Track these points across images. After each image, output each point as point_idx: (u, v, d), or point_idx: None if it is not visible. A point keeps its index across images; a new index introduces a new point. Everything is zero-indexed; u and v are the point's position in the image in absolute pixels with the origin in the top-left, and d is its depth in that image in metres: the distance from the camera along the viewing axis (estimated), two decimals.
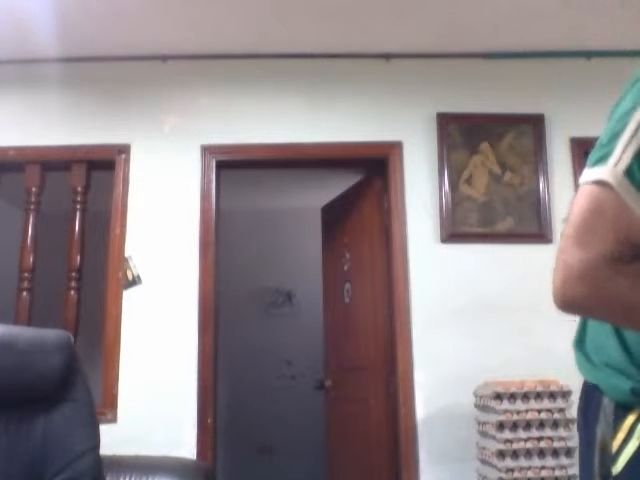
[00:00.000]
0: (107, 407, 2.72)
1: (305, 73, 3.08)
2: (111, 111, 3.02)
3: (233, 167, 3.10)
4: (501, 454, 2.36)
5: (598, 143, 0.83)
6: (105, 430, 1.73)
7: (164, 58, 3.04)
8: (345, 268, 3.47)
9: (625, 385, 0.86)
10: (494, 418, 2.39)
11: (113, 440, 1.98)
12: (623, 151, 0.78)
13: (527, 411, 2.38)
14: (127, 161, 2.96)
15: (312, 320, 4.52)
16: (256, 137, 3.00)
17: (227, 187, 3.15)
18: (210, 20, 2.75)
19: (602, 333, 0.94)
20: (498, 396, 2.40)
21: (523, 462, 2.35)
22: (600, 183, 0.79)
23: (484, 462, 2.51)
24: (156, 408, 2.74)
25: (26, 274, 2.91)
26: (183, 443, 2.70)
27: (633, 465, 0.83)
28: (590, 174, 0.81)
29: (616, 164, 0.78)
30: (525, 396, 2.41)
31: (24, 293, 2.89)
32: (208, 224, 2.91)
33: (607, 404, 0.88)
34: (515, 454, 2.36)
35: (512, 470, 2.35)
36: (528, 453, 2.36)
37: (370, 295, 3.16)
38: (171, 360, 2.79)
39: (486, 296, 2.84)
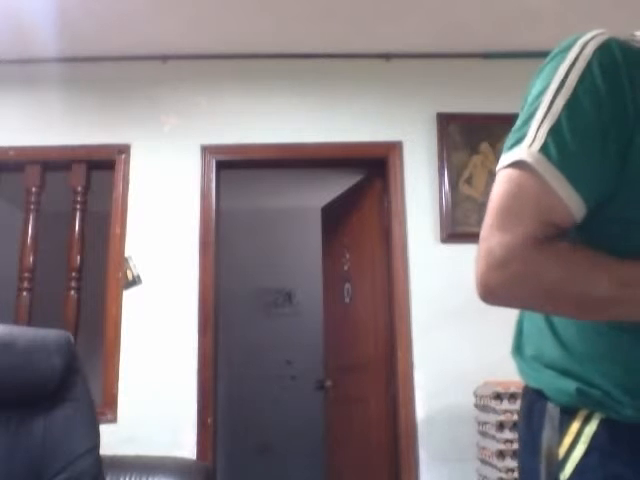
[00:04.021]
0: (107, 407, 2.72)
1: (305, 73, 3.08)
2: (111, 111, 3.02)
3: (233, 167, 3.11)
4: (501, 454, 2.36)
5: (512, 129, 0.83)
6: (105, 430, 1.73)
7: (164, 58, 3.04)
8: (345, 268, 3.47)
9: (570, 386, 0.82)
10: (494, 418, 2.39)
11: (113, 440, 1.98)
12: (537, 130, 0.77)
13: None
14: (127, 161, 2.95)
15: (312, 320, 4.52)
16: (256, 137, 3.00)
17: (227, 187, 3.15)
18: (210, 20, 2.75)
19: (539, 334, 0.90)
20: (498, 396, 2.40)
21: None
22: (517, 165, 0.77)
23: (484, 462, 2.51)
24: (156, 408, 2.74)
25: (26, 274, 2.91)
26: (183, 443, 2.70)
27: (581, 470, 0.80)
28: (506, 158, 0.79)
29: (531, 144, 0.77)
30: None
31: (24, 293, 2.89)
32: (208, 224, 2.91)
33: (552, 409, 0.84)
34: (515, 454, 2.36)
35: (512, 470, 2.35)
36: None
37: (370, 295, 3.16)
38: (171, 360, 2.79)
39: None
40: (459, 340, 2.80)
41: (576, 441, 0.81)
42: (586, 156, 0.76)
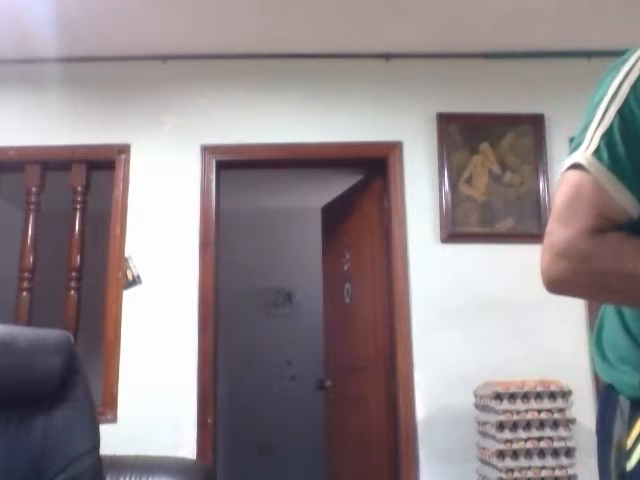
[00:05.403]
0: (107, 407, 2.72)
1: (305, 73, 3.08)
2: (111, 111, 3.02)
3: (233, 167, 3.11)
4: (501, 454, 2.36)
5: (574, 136, 0.90)
6: (105, 430, 1.73)
7: (164, 58, 3.04)
8: (345, 268, 3.47)
9: (635, 380, 0.87)
10: (494, 418, 2.40)
11: (113, 440, 1.97)
12: (592, 136, 0.85)
13: (527, 411, 2.38)
14: (127, 161, 2.96)
15: (312, 320, 4.52)
16: (256, 137, 3.00)
17: (227, 187, 3.15)
18: (210, 20, 2.75)
19: (613, 329, 0.95)
20: (498, 396, 2.40)
21: (523, 462, 2.35)
22: (575, 167, 0.86)
23: (484, 462, 2.51)
24: (156, 408, 2.74)
25: (26, 274, 2.91)
26: (183, 443, 2.70)
27: None
28: (567, 161, 0.88)
29: (587, 148, 0.85)
30: (525, 396, 2.41)
31: (24, 293, 2.89)
32: (208, 224, 2.92)
33: (623, 402, 0.89)
34: (515, 454, 2.37)
35: (512, 470, 2.35)
36: (528, 453, 2.36)
37: (370, 295, 3.16)
38: (171, 360, 2.79)
39: (486, 296, 2.84)
40: (459, 340, 2.80)
41: None
42: (636, 158, 0.83)
